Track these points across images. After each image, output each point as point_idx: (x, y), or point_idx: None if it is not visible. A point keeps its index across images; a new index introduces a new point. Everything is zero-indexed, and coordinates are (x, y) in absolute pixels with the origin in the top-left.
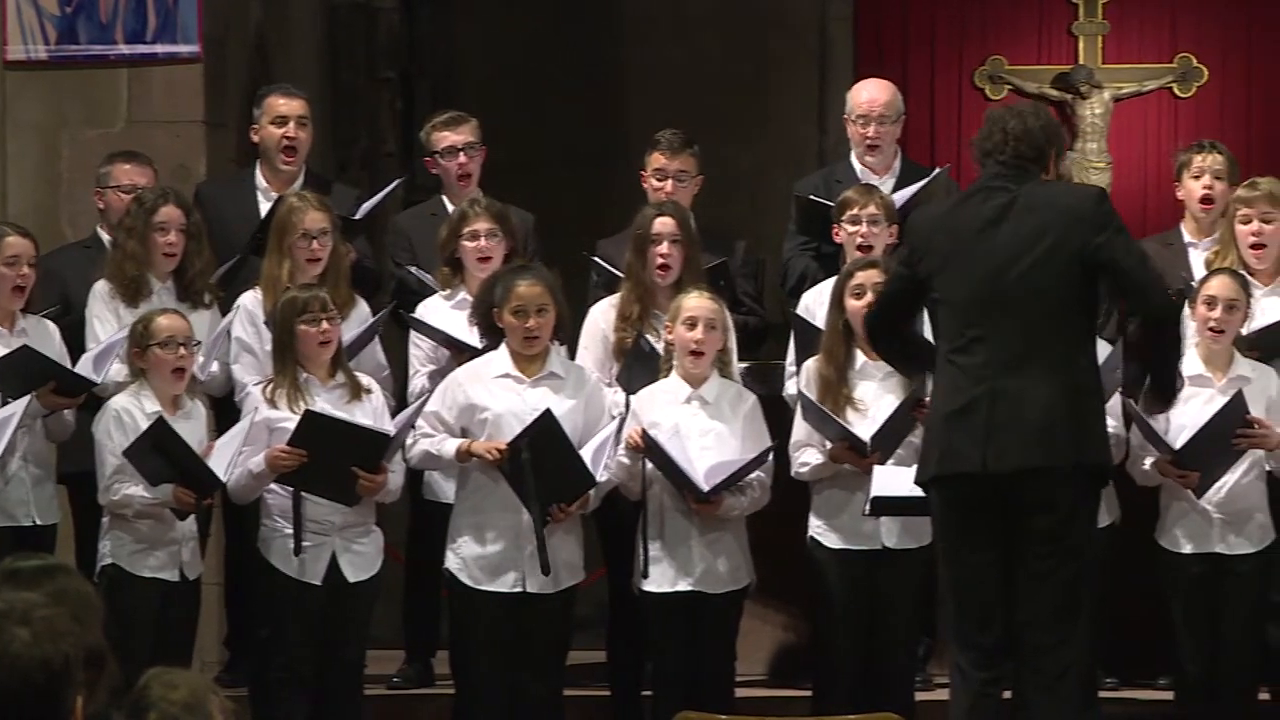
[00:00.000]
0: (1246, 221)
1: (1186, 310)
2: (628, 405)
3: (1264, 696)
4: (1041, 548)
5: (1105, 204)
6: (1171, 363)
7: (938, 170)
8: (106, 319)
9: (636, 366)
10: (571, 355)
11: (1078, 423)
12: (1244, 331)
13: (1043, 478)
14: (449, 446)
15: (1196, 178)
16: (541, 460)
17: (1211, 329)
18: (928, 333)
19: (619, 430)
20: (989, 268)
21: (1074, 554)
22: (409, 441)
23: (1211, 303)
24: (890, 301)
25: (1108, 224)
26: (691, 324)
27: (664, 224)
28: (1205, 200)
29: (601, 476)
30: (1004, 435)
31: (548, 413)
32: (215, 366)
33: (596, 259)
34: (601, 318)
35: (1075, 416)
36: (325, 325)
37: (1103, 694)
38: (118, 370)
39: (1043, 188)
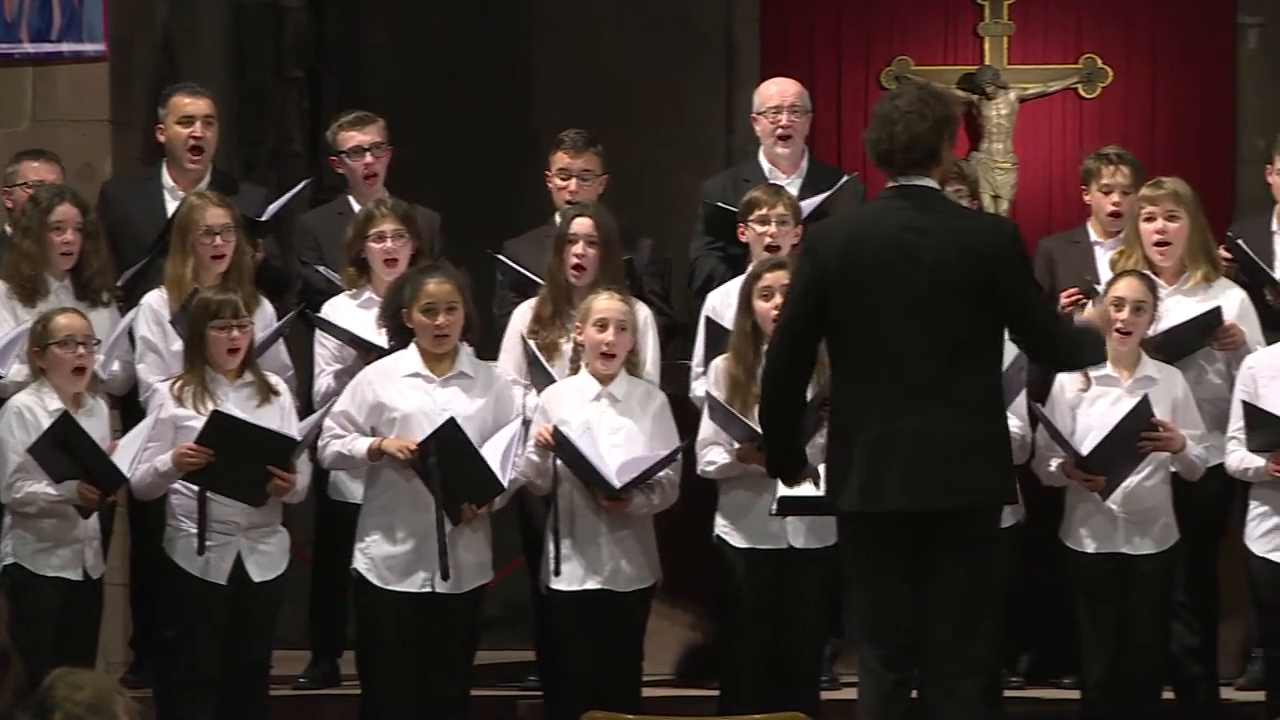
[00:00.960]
0: (1151, 220)
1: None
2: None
3: (1168, 696)
4: (950, 560)
5: (1018, 243)
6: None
7: (845, 178)
8: (4, 318)
9: (532, 369)
10: (485, 355)
11: (995, 460)
12: (1150, 333)
13: (961, 513)
14: (360, 446)
15: (1105, 193)
16: (447, 466)
17: (1119, 330)
18: None
19: (527, 428)
20: (900, 298)
21: (983, 567)
22: (320, 443)
23: (1119, 304)
24: (786, 331)
25: (1017, 263)
26: (602, 325)
27: (581, 225)
28: (1113, 215)
29: (511, 476)
30: (928, 473)
31: (451, 421)
32: (116, 365)
33: (502, 258)
34: (520, 320)
35: (993, 453)
36: (236, 334)
37: (1007, 694)
38: (18, 370)
39: (952, 215)
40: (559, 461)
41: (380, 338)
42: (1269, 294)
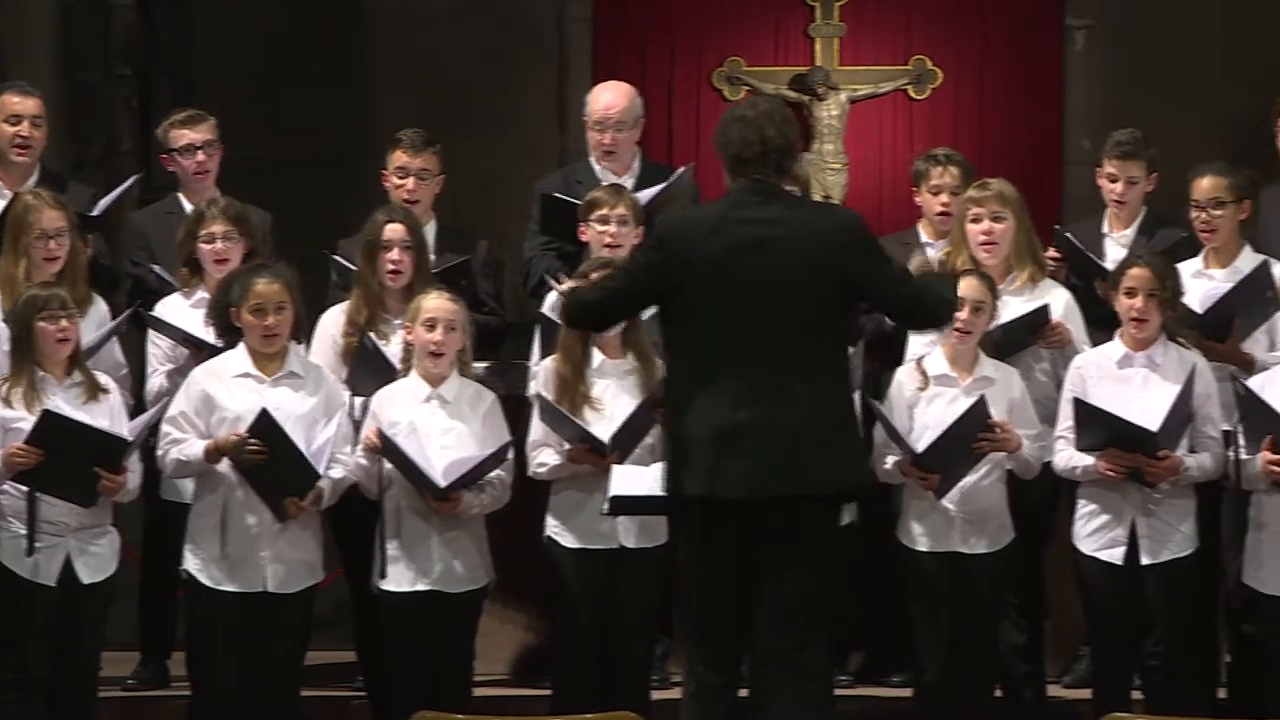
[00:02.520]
0: (977, 221)
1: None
2: (364, 408)
3: (999, 694)
4: (790, 559)
5: (866, 231)
6: None
7: (681, 170)
8: None
9: (363, 368)
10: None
11: (841, 449)
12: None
13: (804, 501)
14: (197, 449)
15: (935, 193)
16: (266, 460)
17: (958, 330)
18: None
19: (357, 429)
20: (751, 292)
21: (822, 566)
22: (159, 452)
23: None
24: (611, 302)
25: (870, 252)
26: (431, 325)
27: (394, 230)
28: (943, 215)
29: (336, 472)
30: (772, 463)
31: (263, 412)
32: None
33: (337, 258)
34: (332, 323)
35: (839, 443)
36: (64, 323)
37: (838, 692)
38: None
39: (804, 210)
40: (387, 464)
41: (213, 335)
42: (1099, 287)
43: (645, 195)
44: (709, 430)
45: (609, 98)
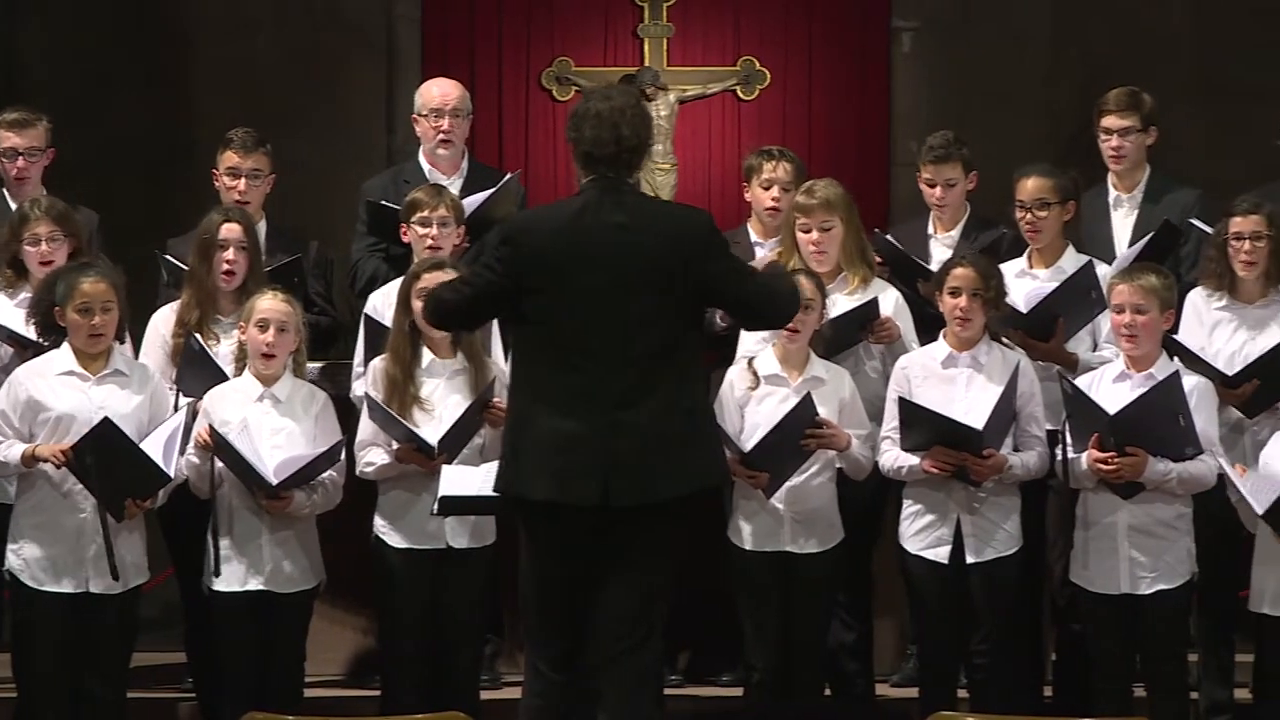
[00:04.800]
0: (806, 230)
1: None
2: (190, 409)
3: (828, 693)
4: (630, 561)
5: (717, 231)
6: None
7: (509, 176)
8: None
9: (189, 369)
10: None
11: (696, 451)
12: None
13: (655, 506)
14: (15, 452)
15: (766, 188)
16: (108, 464)
17: (788, 329)
18: None
19: (188, 428)
20: (601, 292)
21: (661, 568)
22: None
23: None
24: (474, 303)
25: (721, 253)
26: (264, 326)
27: (230, 230)
28: (772, 209)
29: (172, 471)
30: (621, 468)
31: (105, 420)
32: None
33: (168, 257)
34: (162, 323)
35: (693, 445)
36: None
37: (668, 692)
38: None
39: (655, 210)
40: (219, 463)
41: (36, 334)
42: (921, 287)
43: (472, 201)
44: (557, 433)
45: (442, 86)
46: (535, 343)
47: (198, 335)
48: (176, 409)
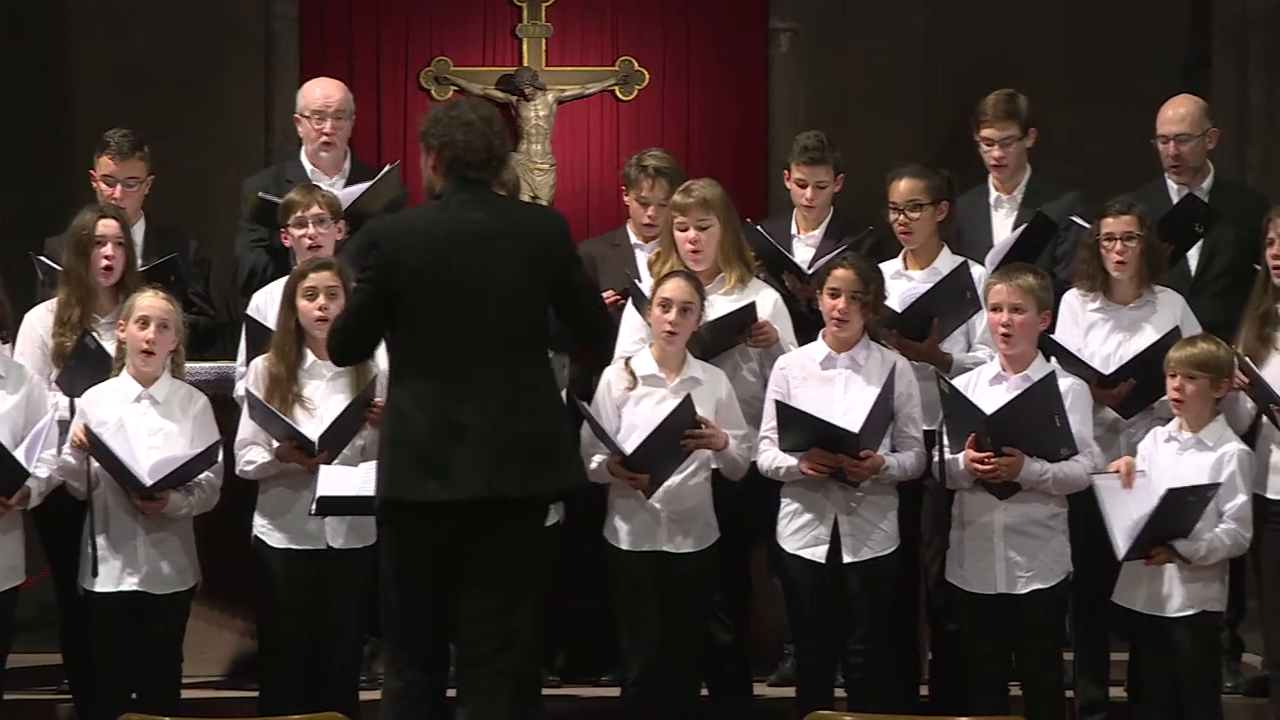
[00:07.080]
0: (683, 229)
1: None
2: (71, 408)
3: (705, 693)
4: (496, 560)
5: (568, 233)
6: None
7: (388, 168)
8: None
9: (80, 366)
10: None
11: (557, 450)
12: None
13: (515, 503)
14: None
15: (643, 205)
16: None
17: (666, 331)
18: None
19: (66, 428)
20: (465, 294)
21: (528, 567)
22: None
23: (666, 305)
24: (360, 318)
25: (573, 252)
26: (144, 323)
27: (107, 226)
28: (650, 225)
29: (42, 472)
30: (488, 468)
31: None
32: None
33: (42, 258)
34: (39, 323)
35: (555, 444)
36: None
37: (546, 692)
38: None
39: (516, 213)
40: (95, 463)
41: None
42: (788, 281)
43: (349, 194)
44: (426, 433)
45: (325, 88)
46: (405, 344)
47: (95, 334)
48: (59, 409)
